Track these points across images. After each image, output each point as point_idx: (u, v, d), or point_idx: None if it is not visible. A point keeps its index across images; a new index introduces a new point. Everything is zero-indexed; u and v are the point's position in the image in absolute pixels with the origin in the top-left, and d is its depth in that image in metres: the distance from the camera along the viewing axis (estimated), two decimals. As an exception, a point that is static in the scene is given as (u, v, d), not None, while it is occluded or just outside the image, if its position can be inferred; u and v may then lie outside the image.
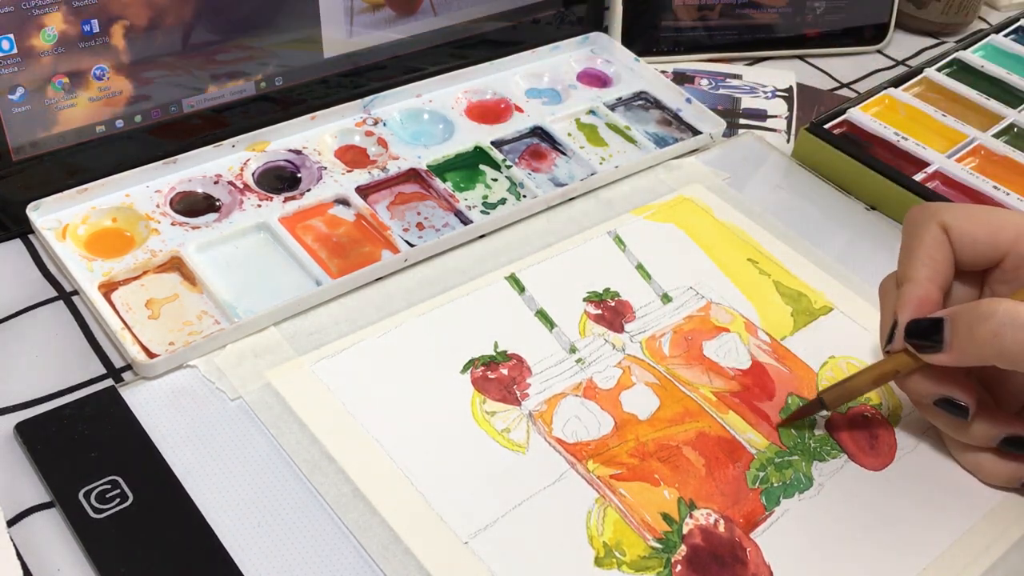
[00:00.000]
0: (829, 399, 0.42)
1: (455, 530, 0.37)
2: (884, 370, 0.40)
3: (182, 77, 0.50)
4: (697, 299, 0.49)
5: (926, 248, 0.40)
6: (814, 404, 0.42)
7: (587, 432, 0.42)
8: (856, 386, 0.41)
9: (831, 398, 0.42)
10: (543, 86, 0.61)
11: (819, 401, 0.42)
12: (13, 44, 0.45)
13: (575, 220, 0.52)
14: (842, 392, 0.42)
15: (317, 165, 0.52)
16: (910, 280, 0.40)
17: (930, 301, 0.39)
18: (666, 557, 0.37)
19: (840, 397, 0.42)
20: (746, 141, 0.60)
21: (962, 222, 0.40)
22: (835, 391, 0.42)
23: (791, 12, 0.68)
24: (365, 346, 0.44)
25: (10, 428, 0.39)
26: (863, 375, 0.41)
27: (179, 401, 0.40)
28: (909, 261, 0.40)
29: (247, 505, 0.37)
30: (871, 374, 0.41)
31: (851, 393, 0.42)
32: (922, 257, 0.40)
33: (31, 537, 0.36)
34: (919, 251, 0.40)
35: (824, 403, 0.42)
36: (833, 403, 0.42)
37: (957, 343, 0.37)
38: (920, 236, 0.40)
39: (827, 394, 0.42)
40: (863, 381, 0.41)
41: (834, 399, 0.42)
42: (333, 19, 0.55)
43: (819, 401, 0.42)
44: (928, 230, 0.40)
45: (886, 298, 0.42)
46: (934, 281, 0.39)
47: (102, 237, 0.47)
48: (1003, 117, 0.61)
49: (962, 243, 0.40)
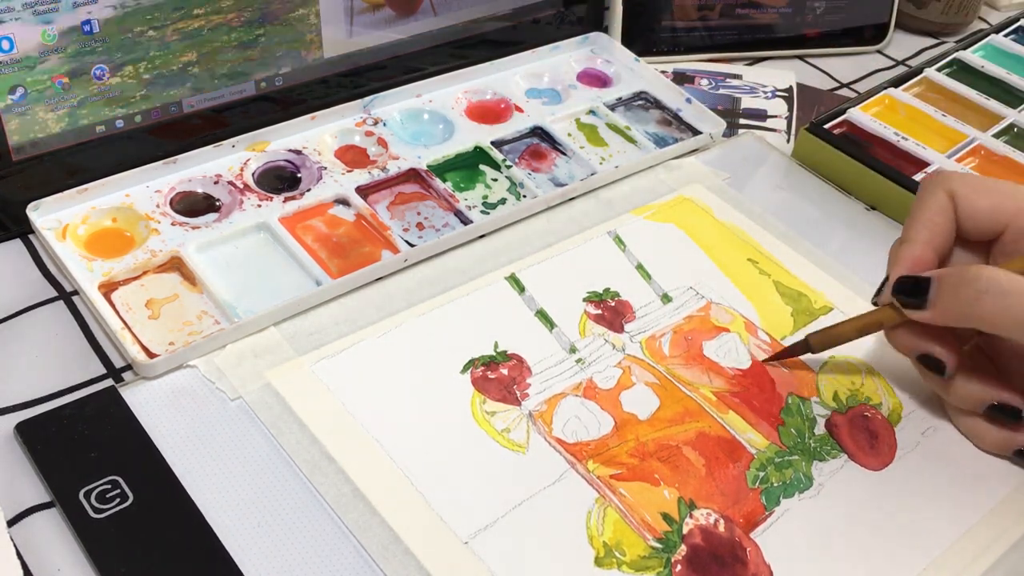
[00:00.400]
0: (815, 341, 0.44)
1: (455, 530, 0.37)
2: (869, 321, 0.43)
3: (182, 77, 0.50)
4: (697, 299, 0.49)
5: (929, 212, 0.41)
6: (800, 345, 0.45)
7: (587, 432, 0.42)
8: (842, 332, 0.44)
9: (817, 340, 0.44)
10: (543, 86, 0.61)
11: (805, 342, 0.44)
12: (13, 44, 0.45)
13: (575, 220, 0.52)
14: (828, 336, 0.44)
15: (317, 165, 0.52)
16: (908, 241, 0.42)
17: (923, 261, 0.41)
18: (666, 557, 0.37)
19: (826, 341, 0.44)
20: (746, 141, 0.60)
21: (968, 191, 0.41)
22: (821, 334, 0.44)
23: (791, 12, 0.68)
24: (365, 346, 0.44)
25: (10, 428, 0.39)
26: (849, 323, 0.44)
27: (179, 401, 0.40)
28: (911, 223, 0.42)
29: (247, 505, 0.37)
30: (857, 323, 0.43)
31: (836, 339, 0.44)
32: (923, 220, 0.41)
33: (31, 537, 0.36)
34: (922, 215, 0.42)
35: (810, 345, 0.44)
36: (818, 345, 0.44)
37: (940, 302, 0.38)
38: (926, 201, 0.42)
39: (813, 337, 0.44)
40: (849, 329, 0.43)
41: (820, 342, 0.44)
42: (333, 19, 0.55)
43: (805, 342, 0.44)
44: (935, 196, 0.42)
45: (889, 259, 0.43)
46: (930, 244, 0.41)
47: (102, 237, 0.47)
48: (1003, 117, 0.61)
49: (965, 212, 0.41)
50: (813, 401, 0.44)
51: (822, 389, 0.45)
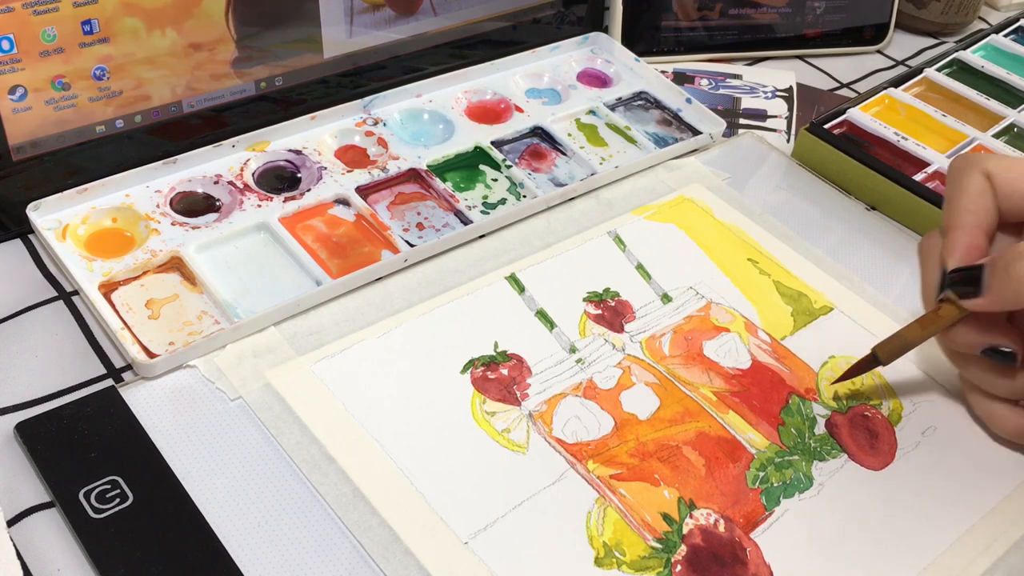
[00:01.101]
0: (884, 353, 0.42)
1: (455, 530, 0.37)
2: (932, 319, 0.41)
3: (182, 77, 0.50)
4: (697, 299, 0.49)
5: (970, 195, 0.40)
6: (868, 360, 0.43)
7: (587, 432, 0.42)
8: (910, 337, 0.42)
9: (886, 352, 0.42)
10: (543, 86, 0.61)
11: (873, 356, 0.42)
12: (13, 44, 0.45)
13: (575, 220, 0.52)
14: (897, 344, 0.42)
15: (317, 165, 0.52)
16: (956, 227, 0.40)
17: (976, 247, 0.39)
18: (666, 557, 0.37)
19: (895, 350, 0.42)
20: (746, 141, 0.60)
21: (1005, 172, 0.40)
22: (889, 344, 0.42)
23: (791, 12, 0.68)
24: (365, 346, 0.44)
25: (10, 428, 0.39)
26: (914, 327, 0.41)
27: (179, 401, 0.40)
28: (954, 209, 0.40)
29: (247, 505, 0.37)
30: (921, 325, 0.41)
31: (906, 346, 0.42)
32: (967, 204, 0.40)
33: (31, 537, 0.36)
34: (963, 199, 0.40)
35: (878, 357, 0.42)
36: (888, 357, 0.42)
37: (995, 286, 0.37)
38: (964, 185, 0.40)
39: (881, 348, 0.42)
40: (914, 332, 0.41)
41: (889, 353, 0.42)
42: (333, 19, 0.55)
43: (873, 356, 0.42)
44: (972, 178, 0.40)
45: (928, 254, 0.42)
46: (980, 228, 0.39)
47: (102, 237, 0.47)
48: (1003, 117, 0.61)
49: (1004, 192, 0.40)
50: (813, 401, 0.44)
51: (822, 389, 0.45)
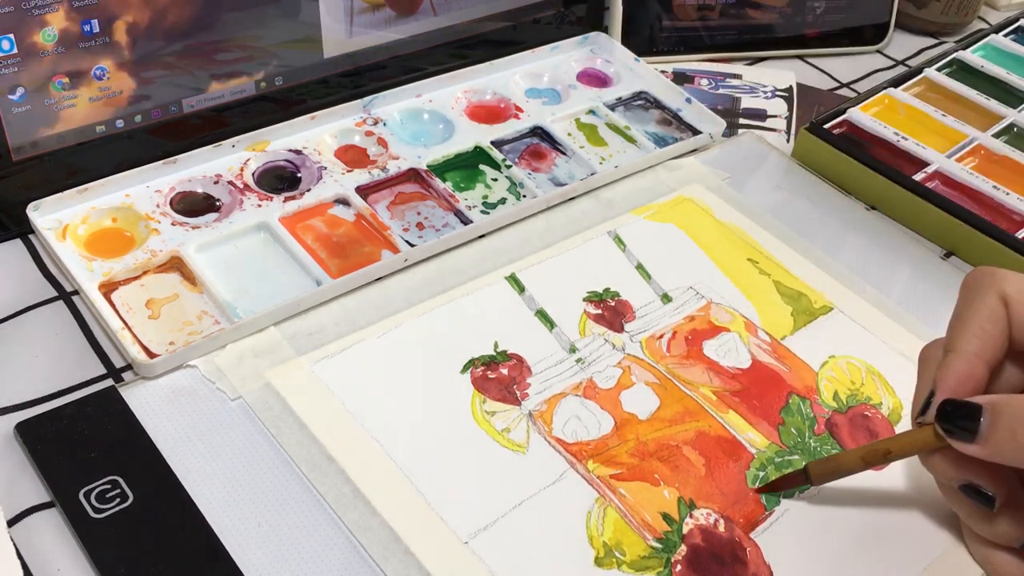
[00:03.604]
0: (815, 474, 0.39)
1: (455, 530, 0.37)
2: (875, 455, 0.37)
3: (182, 77, 0.50)
4: (697, 299, 0.49)
5: (980, 319, 0.36)
6: (798, 475, 0.39)
7: (587, 432, 0.42)
8: (846, 466, 0.38)
9: (818, 473, 0.39)
10: (543, 86, 0.61)
11: (805, 472, 0.39)
12: (13, 44, 0.45)
13: (575, 220, 0.52)
14: (831, 468, 0.39)
15: (317, 165, 0.52)
16: (957, 352, 0.36)
17: (974, 378, 0.35)
18: (666, 557, 0.37)
19: (828, 474, 0.39)
20: (746, 141, 0.60)
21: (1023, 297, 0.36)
22: (824, 465, 0.39)
23: (791, 12, 0.68)
24: (365, 346, 0.44)
25: (10, 428, 0.39)
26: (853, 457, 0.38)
27: (179, 401, 0.40)
28: (960, 330, 0.36)
29: (247, 505, 0.37)
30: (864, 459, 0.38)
31: (839, 472, 0.39)
32: (974, 328, 0.36)
33: (31, 537, 0.36)
34: (972, 321, 0.36)
35: (809, 477, 0.39)
36: (819, 479, 0.39)
37: (994, 438, 0.33)
38: (976, 305, 0.36)
39: (815, 467, 0.39)
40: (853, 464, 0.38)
41: (821, 475, 0.39)
42: (333, 19, 0.55)
43: (805, 472, 0.39)
44: (986, 299, 0.36)
45: (926, 365, 0.38)
46: (982, 357, 0.36)
47: (102, 237, 0.47)
48: (1003, 117, 0.61)
49: (1020, 322, 0.36)
50: (813, 401, 0.44)
51: (822, 389, 0.45)
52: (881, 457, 0.37)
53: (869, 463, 0.38)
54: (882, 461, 0.38)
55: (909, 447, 0.37)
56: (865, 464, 0.38)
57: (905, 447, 0.37)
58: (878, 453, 0.37)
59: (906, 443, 0.37)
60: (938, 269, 0.52)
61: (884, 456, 0.37)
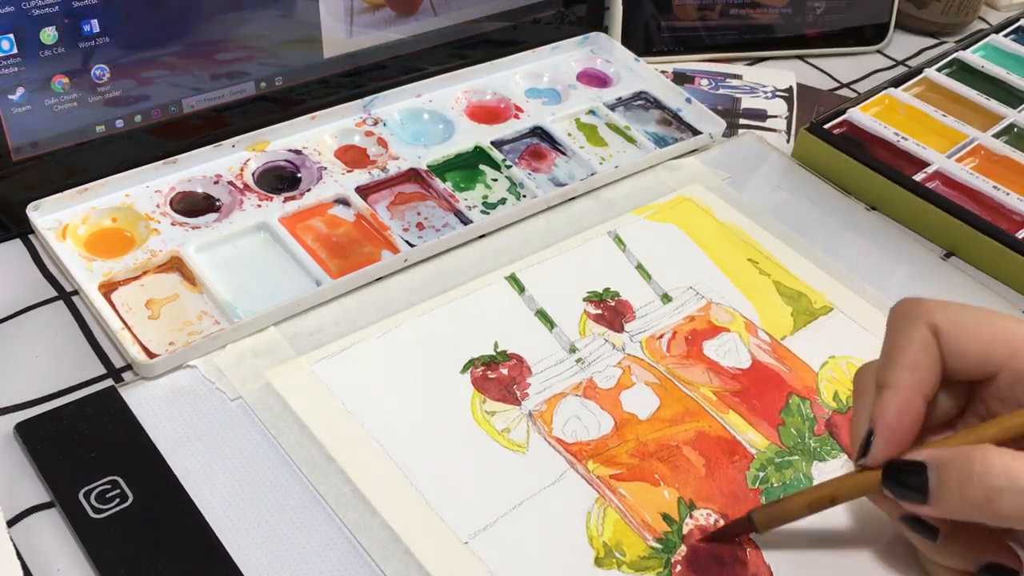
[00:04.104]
0: (761, 520, 0.37)
1: (455, 530, 0.37)
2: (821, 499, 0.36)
3: (182, 77, 0.50)
4: (697, 299, 0.49)
5: (912, 352, 0.35)
6: (742, 523, 0.38)
7: (587, 432, 0.42)
8: (792, 513, 0.37)
9: (763, 519, 0.37)
10: (543, 86, 0.61)
11: (748, 519, 0.37)
12: (13, 44, 0.45)
13: (575, 220, 0.52)
14: (777, 514, 0.37)
15: (317, 165, 0.52)
16: (891, 387, 0.35)
17: (911, 412, 0.35)
18: (666, 557, 0.37)
19: (773, 519, 0.37)
20: (746, 141, 0.60)
21: (954, 328, 0.35)
22: (768, 511, 0.37)
23: (791, 12, 0.68)
24: (365, 346, 0.44)
25: (10, 428, 0.39)
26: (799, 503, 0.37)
27: (179, 401, 0.40)
28: (892, 364, 0.35)
29: (247, 505, 0.37)
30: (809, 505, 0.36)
31: (785, 519, 0.37)
32: (906, 363, 0.35)
33: (31, 537, 0.36)
34: (904, 355, 0.35)
35: (754, 523, 0.37)
36: (764, 525, 0.37)
37: (945, 497, 0.32)
38: (907, 336, 0.36)
39: (759, 513, 0.37)
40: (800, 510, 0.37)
41: (766, 521, 0.37)
42: (333, 19, 0.55)
43: (748, 519, 0.37)
44: (916, 331, 0.35)
45: (861, 396, 0.37)
46: (918, 391, 0.35)
47: (102, 237, 0.47)
48: (1003, 117, 0.61)
49: (952, 352, 0.35)
50: (813, 401, 0.44)
51: (822, 389, 0.45)
52: (828, 503, 0.36)
53: (815, 509, 0.36)
54: (829, 506, 0.36)
55: (854, 491, 0.36)
56: (811, 510, 0.36)
57: (851, 491, 0.36)
58: (824, 500, 0.36)
59: (851, 487, 0.36)
60: (938, 269, 0.52)
61: (831, 501, 0.36)
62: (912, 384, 0.35)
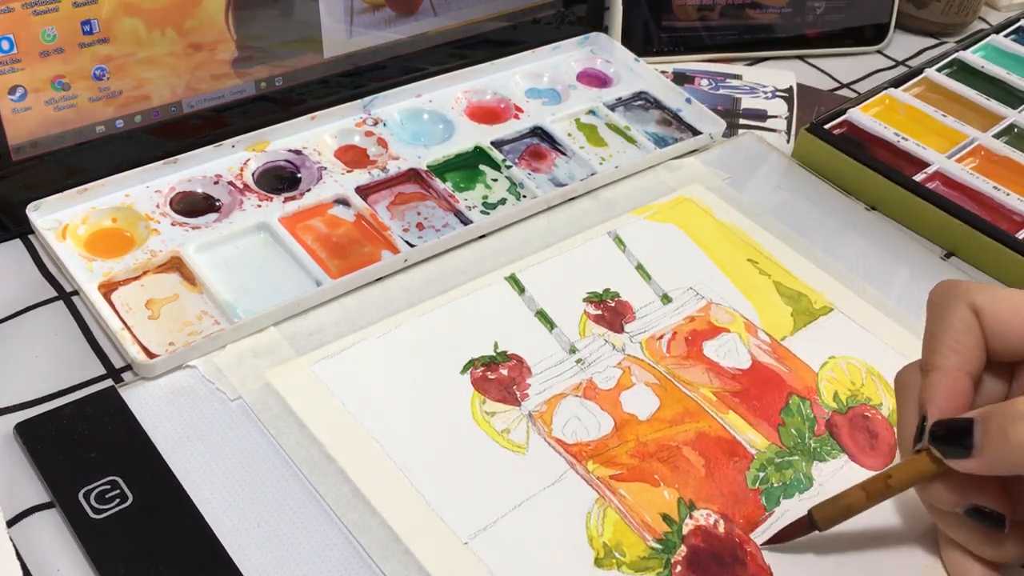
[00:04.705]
0: (822, 518, 0.37)
1: (455, 530, 0.37)
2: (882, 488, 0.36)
3: (182, 77, 0.50)
4: (697, 299, 0.49)
5: (955, 333, 0.35)
6: (804, 523, 0.37)
7: (587, 432, 0.42)
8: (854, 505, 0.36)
9: (824, 517, 0.37)
10: (543, 86, 0.61)
11: (810, 521, 0.37)
12: (13, 44, 0.45)
13: (575, 220, 0.52)
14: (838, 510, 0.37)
15: (317, 165, 0.52)
16: (937, 369, 0.35)
17: (961, 393, 0.34)
18: (666, 558, 0.37)
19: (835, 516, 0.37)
20: (746, 141, 0.60)
21: (995, 307, 0.35)
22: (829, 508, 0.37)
23: (791, 12, 0.68)
24: (365, 346, 0.44)
25: (10, 428, 0.39)
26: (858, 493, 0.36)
27: (179, 401, 0.40)
28: (936, 346, 0.35)
29: (247, 505, 0.37)
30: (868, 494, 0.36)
31: (848, 513, 0.37)
32: (950, 343, 0.35)
33: (31, 537, 0.36)
34: (946, 336, 0.35)
35: (815, 523, 0.37)
36: (826, 523, 0.37)
37: (989, 448, 0.32)
38: (948, 319, 0.35)
39: (819, 511, 0.37)
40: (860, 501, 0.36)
41: (828, 519, 0.37)
42: (333, 19, 0.55)
43: (810, 521, 0.37)
44: (956, 312, 0.35)
45: (906, 392, 0.37)
46: (964, 370, 0.35)
47: (102, 237, 0.47)
48: (1003, 117, 0.61)
49: (994, 331, 0.35)
50: (813, 401, 0.44)
51: (822, 389, 0.45)
52: (883, 485, 0.36)
53: (872, 495, 0.36)
54: (884, 491, 0.36)
55: (910, 476, 0.35)
56: (869, 497, 0.36)
57: (907, 476, 0.35)
58: (879, 481, 0.36)
59: (907, 473, 0.35)
60: (938, 269, 0.52)
61: (886, 483, 0.36)
62: (958, 364, 0.35)
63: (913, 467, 0.35)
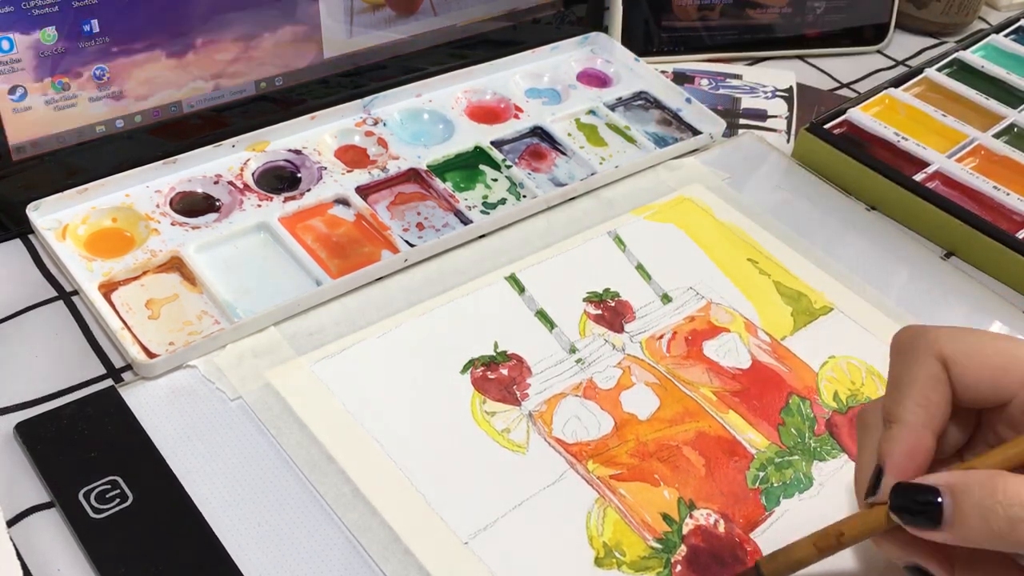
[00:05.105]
0: (769, 570, 0.35)
1: (455, 530, 0.37)
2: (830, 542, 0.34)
3: (182, 77, 0.50)
4: (697, 299, 0.49)
5: (921, 387, 0.34)
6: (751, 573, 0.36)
7: (587, 432, 0.42)
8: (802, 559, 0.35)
9: (771, 569, 0.35)
10: (543, 86, 0.61)
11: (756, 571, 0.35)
12: (13, 44, 0.45)
13: (575, 220, 0.52)
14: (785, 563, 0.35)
15: (317, 165, 0.52)
16: (901, 423, 0.33)
17: (923, 451, 0.33)
18: (666, 557, 0.37)
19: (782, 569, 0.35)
20: (746, 141, 0.60)
21: (964, 358, 0.34)
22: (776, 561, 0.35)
23: (791, 12, 0.68)
24: (365, 346, 0.44)
25: (10, 428, 0.39)
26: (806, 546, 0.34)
27: (179, 401, 0.40)
28: (900, 399, 0.34)
29: (247, 505, 0.37)
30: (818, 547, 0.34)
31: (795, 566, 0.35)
32: (916, 397, 0.34)
33: (31, 537, 0.36)
34: (912, 390, 0.34)
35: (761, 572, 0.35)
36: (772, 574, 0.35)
37: (962, 523, 0.30)
38: (914, 372, 0.34)
39: (767, 564, 0.35)
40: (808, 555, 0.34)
41: (775, 570, 0.35)
42: (333, 19, 0.55)
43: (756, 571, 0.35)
44: (924, 366, 0.34)
45: (867, 432, 0.36)
46: (928, 426, 0.33)
47: (102, 237, 0.47)
48: (1003, 117, 0.61)
49: (962, 383, 0.34)
50: (813, 401, 0.44)
51: (822, 389, 0.45)
52: (834, 541, 0.34)
53: (822, 549, 0.34)
54: (835, 546, 0.34)
55: (862, 530, 0.34)
56: (819, 551, 0.34)
57: (859, 530, 0.34)
58: (830, 536, 0.34)
59: (859, 526, 0.34)
60: (938, 269, 0.52)
61: (837, 539, 0.34)
62: (922, 420, 0.33)
63: (866, 523, 0.34)
